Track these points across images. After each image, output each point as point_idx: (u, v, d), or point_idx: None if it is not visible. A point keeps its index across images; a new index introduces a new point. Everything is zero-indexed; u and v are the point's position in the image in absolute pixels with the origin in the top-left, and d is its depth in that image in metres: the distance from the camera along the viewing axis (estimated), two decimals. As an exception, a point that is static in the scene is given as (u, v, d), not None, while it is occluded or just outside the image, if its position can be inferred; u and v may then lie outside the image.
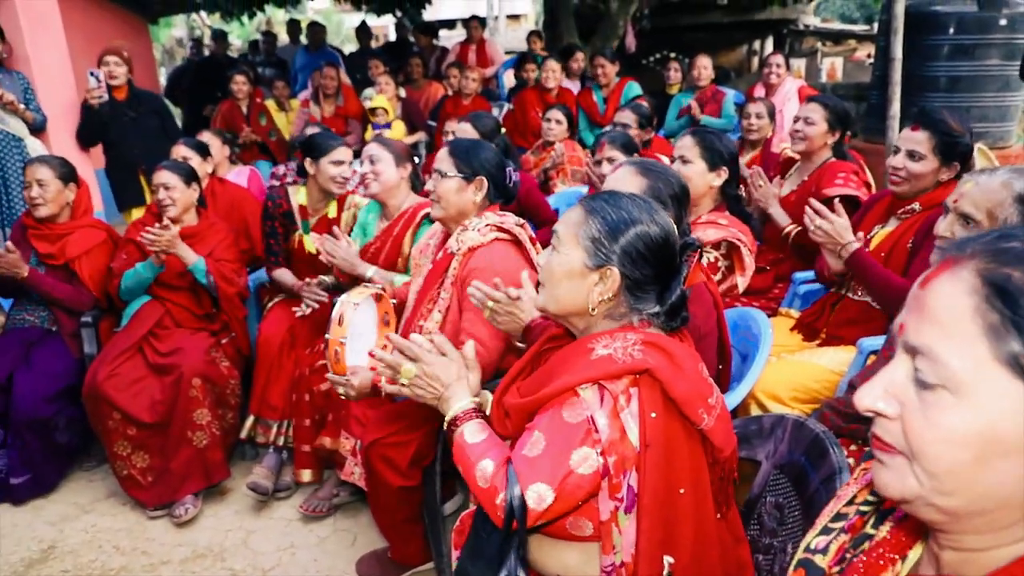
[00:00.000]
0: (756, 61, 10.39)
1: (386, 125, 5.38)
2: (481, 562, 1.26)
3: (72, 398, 2.70)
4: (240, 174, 4.12)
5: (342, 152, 2.83)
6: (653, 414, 1.16)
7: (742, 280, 2.30)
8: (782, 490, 1.44)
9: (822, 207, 2.14)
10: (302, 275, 2.89)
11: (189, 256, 2.72)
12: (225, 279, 2.81)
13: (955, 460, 0.61)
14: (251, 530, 2.55)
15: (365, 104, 5.64)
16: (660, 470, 1.16)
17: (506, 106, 6.00)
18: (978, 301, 0.60)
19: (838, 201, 2.22)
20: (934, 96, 4.57)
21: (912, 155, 2.18)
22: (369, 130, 5.44)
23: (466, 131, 3.33)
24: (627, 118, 3.77)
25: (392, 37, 12.18)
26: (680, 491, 1.18)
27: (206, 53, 8.52)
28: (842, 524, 0.82)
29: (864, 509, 0.81)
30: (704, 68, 5.16)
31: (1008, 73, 4.49)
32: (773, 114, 3.95)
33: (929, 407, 0.62)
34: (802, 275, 2.72)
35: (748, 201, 2.94)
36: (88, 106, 4.20)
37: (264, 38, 8.48)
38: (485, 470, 1.23)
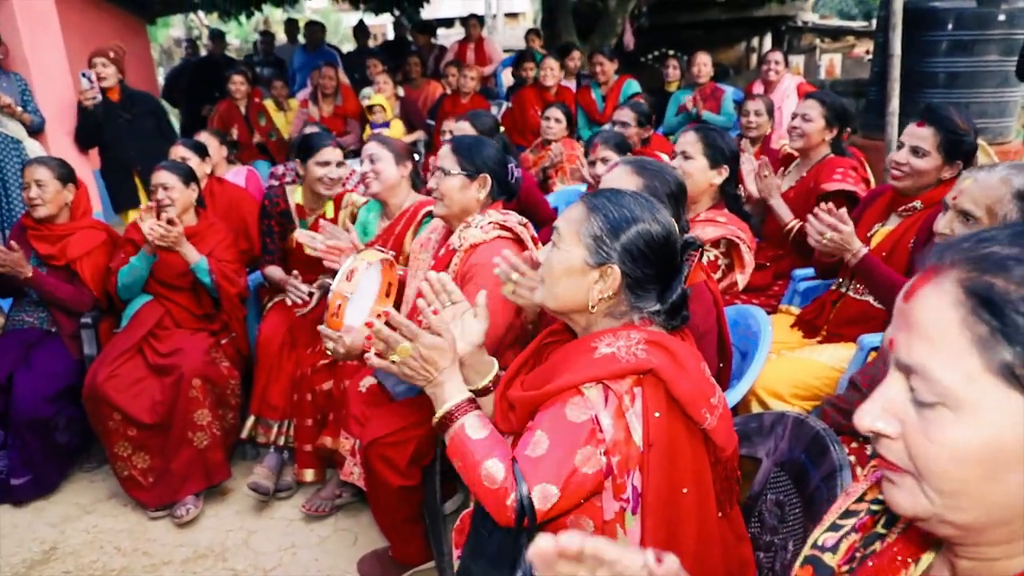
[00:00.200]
0: (755, 58, 10.37)
1: (384, 124, 5.37)
2: (482, 560, 1.25)
3: (72, 399, 2.69)
4: (238, 174, 4.12)
5: (328, 153, 2.80)
6: (657, 414, 1.16)
7: (742, 278, 2.30)
8: (783, 488, 1.44)
9: (830, 219, 2.08)
10: (299, 275, 2.88)
11: (192, 255, 2.72)
12: (227, 279, 2.81)
13: (963, 477, 0.59)
14: (252, 530, 2.55)
15: (363, 103, 5.63)
16: (663, 470, 1.16)
17: (505, 104, 5.99)
18: (964, 313, 0.58)
19: (833, 204, 2.17)
20: (933, 92, 4.56)
21: (916, 151, 2.16)
22: (367, 130, 5.43)
23: (465, 130, 3.31)
24: (626, 116, 3.77)
25: (390, 36, 12.18)
26: (683, 491, 1.18)
27: (203, 53, 8.50)
28: (852, 522, 0.80)
29: (875, 508, 0.80)
30: (704, 65, 5.16)
31: (1007, 69, 4.49)
32: (772, 111, 3.94)
33: (930, 425, 0.61)
34: (802, 272, 2.72)
35: (747, 200, 2.93)
36: (83, 108, 4.19)
37: (262, 38, 8.47)
38: (492, 470, 1.19)
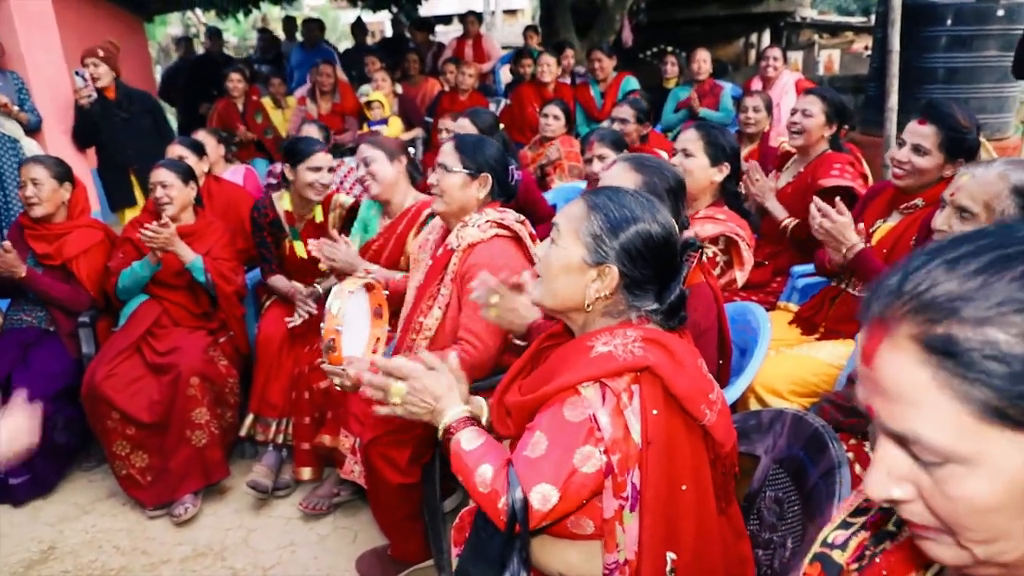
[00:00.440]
0: (753, 54, 10.35)
1: (382, 121, 5.35)
2: (482, 564, 1.25)
3: (70, 398, 2.69)
4: (236, 172, 4.11)
5: (320, 158, 2.78)
6: (655, 411, 1.16)
7: (741, 275, 2.29)
8: (781, 485, 1.44)
9: (825, 205, 2.09)
10: (296, 280, 2.88)
11: (187, 254, 2.71)
12: (223, 277, 2.80)
13: (996, 524, 0.58)
14: (251, 528, 2.55)
15: (362, 100, 5.61)
16: (662, 467, 1.16)
17: (503, 102, 5.98)
18: (932, 371, 0.56)
19: (839, 199, 2.18)
20: (932, 88, 4.56)
21: (917, 149, 2.14)
22: (365, 127, 5.42)
23: (465, 127, 3.29)
24: (625, 113, 3.77)
25: (388, 33, 12.18)
26: (682, 488, 1.18)
27: (199, 51, 8.46)
28: (863, 519, 0.79)
29: (886, 505, 0.79)
30: (703, 62, 5.15)
31: (1006, 64, 4.47)
32: (770, 107, 3.93)
33: (945, 484, 0.59)
34: (800, 269, 2.72)
35: (746, 197, 2.92)
36: (80, 106, 4.18)
37: (260, 35, 8.45)
38: (484, 475, 1.21)
